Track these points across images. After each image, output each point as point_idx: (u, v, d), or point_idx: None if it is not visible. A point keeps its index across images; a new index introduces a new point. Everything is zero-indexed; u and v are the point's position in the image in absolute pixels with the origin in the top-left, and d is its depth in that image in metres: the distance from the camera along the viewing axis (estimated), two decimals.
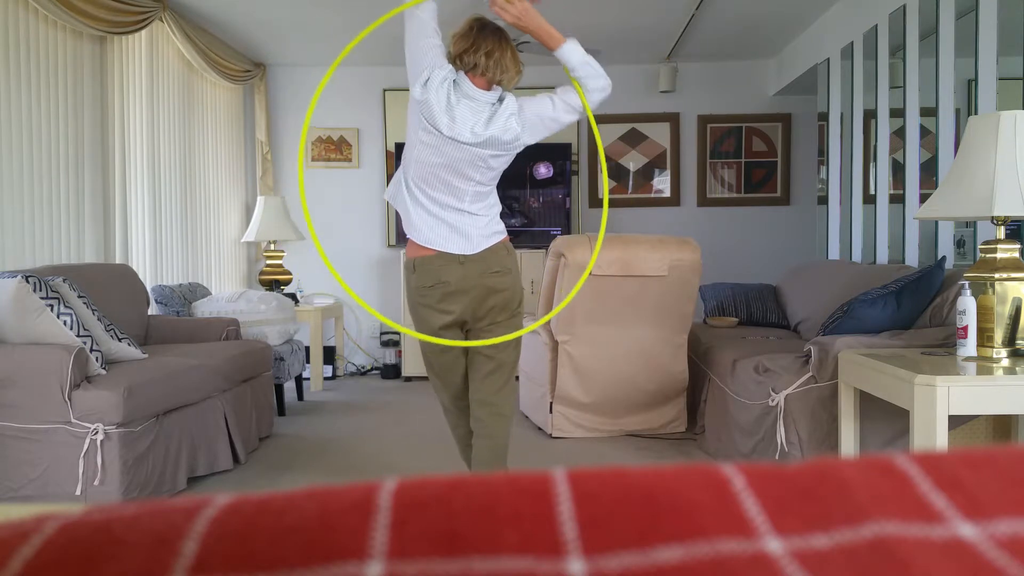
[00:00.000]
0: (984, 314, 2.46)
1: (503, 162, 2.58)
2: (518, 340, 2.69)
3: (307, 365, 5.59)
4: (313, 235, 2.60)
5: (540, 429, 4.28)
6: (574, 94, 2.55)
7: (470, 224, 2.54)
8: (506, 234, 2.67)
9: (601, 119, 6.57)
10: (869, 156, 4.68)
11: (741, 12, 5.23)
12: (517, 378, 2.86)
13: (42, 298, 2.92)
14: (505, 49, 2.52)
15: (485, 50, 2.49)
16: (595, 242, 3.93)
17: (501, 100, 2.55)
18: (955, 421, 2.80)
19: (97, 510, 0.29)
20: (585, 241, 3.92)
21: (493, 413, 2.63)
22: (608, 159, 6.62)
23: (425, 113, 2.47)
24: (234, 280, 6.19)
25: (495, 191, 2.67)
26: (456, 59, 2.53)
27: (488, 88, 2.54)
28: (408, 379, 5.99)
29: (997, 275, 2.45)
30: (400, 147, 5.87)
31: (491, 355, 2.62)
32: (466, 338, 2.66)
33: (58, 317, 2.94)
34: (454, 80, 2.51)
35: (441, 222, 2.52)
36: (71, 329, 2.96)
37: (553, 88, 2.66)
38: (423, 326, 2.61)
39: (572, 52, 2.53)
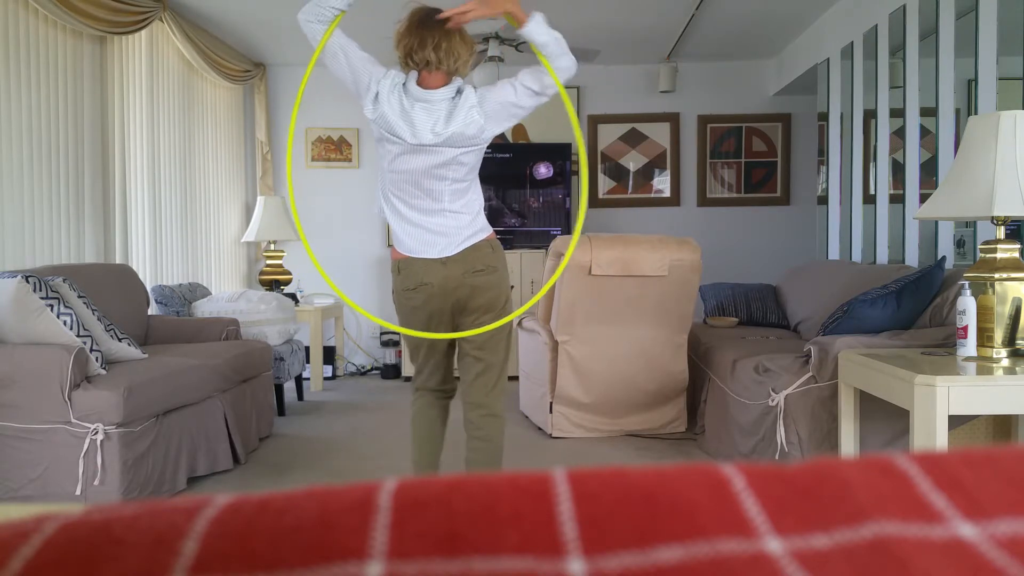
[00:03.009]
0: (984, 314, 2.46)
1: (474, 157, 2.49)
2: (508, 341, 2.63)
3: (307, 365, 5.59)
4: (304, 240, 2.58)
5: (540, 429, 4.28)
6: (535, 77, 2.42)
7: (452, 224, 2.48)
8: (491, 231, 2.57)
9: (601, 119, 6.58)
10: (869, 156, 4.68)
11: (741, 12, 5.24)
12: (517, 378, 2.83)
13: (42, 298, 2.92)
14: (452, 36, 2.42)
15: (432, 44, 2.39)
16: (594, 242, 3.92)
17: (460, 92, 2.45)
18: (955, 421, 2.80)
19: (97, 510, 0.29)
20: (585, 241, 3.92)
21: (485, 415, 2.58)
22: (608, 159, 6.62)
23: (384, 127, 2.41)
24: (234, 280, 6.19)
25: (476, 185, 2.57)
26: (406, 59, 2.44)
27: (446, 81, 2.45)
28: (408, 379, 5.99)
29: (997, 275, 2.45)
30: None
31: (480, 357, 2.57)
32: (454, 344, 2.64)
33: (58, 317, 2.94)
34: (403, 84, 2.43)
35: (421, 229, 2.47)
36: (71, 329, 2.96)
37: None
38: (406, 323, 2.58)
39: (539, 29, 2.38)
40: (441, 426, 2.74)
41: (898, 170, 4.27)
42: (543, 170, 6.21)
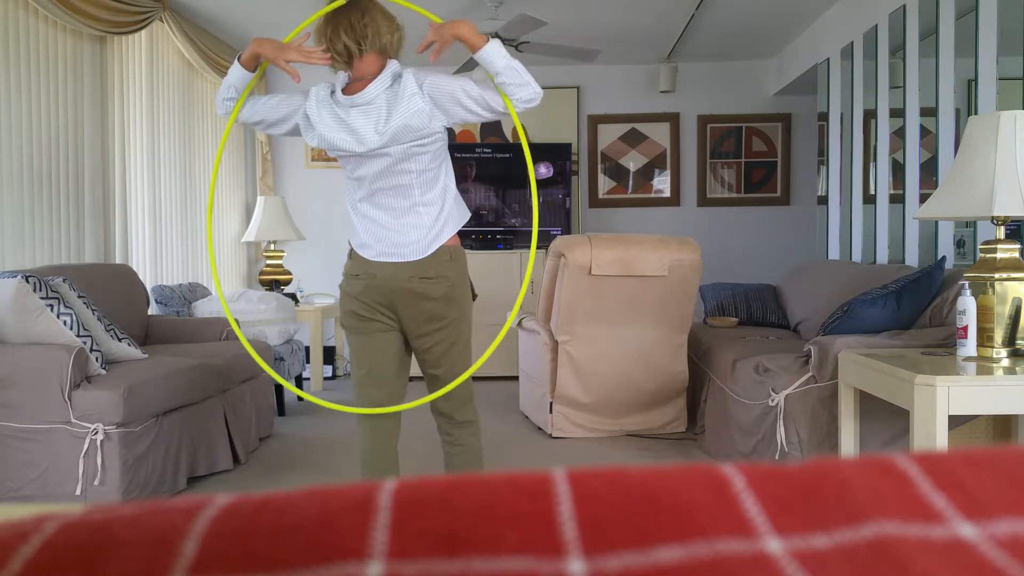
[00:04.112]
0: (984, 314, 2.46)
1: (434, 146, 2.30)
2: (466, 352, 2.48)
3: (307, 365, 5.59)
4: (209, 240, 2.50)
5: (540, 429, 4.28)
6: (489, 95, 2.27)
7: (422, 223, 2.33)
8: (454, 233, 2.39)
9: (601, 119, 6.58)
10: (869, 156, 4.68)
11: (741, 12, 5.23)
12: (517, 378, 2.74)
13: (42, 298, 2.92)
14: (360, 13, 2.27)
15: (345, 28, 2.24)
16: (595, 242, 3.93)
17: (397, 79, 2.27)
18: (955, 421, 2.80)
19: (97, 510, 0.29)
20: (585, 241, 3.93)
21: (454, 424, 2.51)
22: (608, 159, 6.62)
23: (328, 146, 2.30)
24: (234, 280, 6.19)
25: (446, 169, 2.39)
26: (333, 57, 2.31)
27: (380, 64, 2.29)
28: (410, 379, 5.98)
29: (997, 275, 2.45)
30: None
31: (437, 374, 2.46)
32: (405, 345, 2.48)
33: (58, 317, 2.94)
34: (331, 94, 2.31)
35: (390, 232, 2.34)
36: (71, 329, 2.96)
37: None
38: (344, 310, 2.43)
39: (495, 55, 2.22)
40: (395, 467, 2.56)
41: (898, 170, 4.27)
42: (543, 170, 6.21)
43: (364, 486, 0.29)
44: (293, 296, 5.68)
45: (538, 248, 5.99)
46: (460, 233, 2.46)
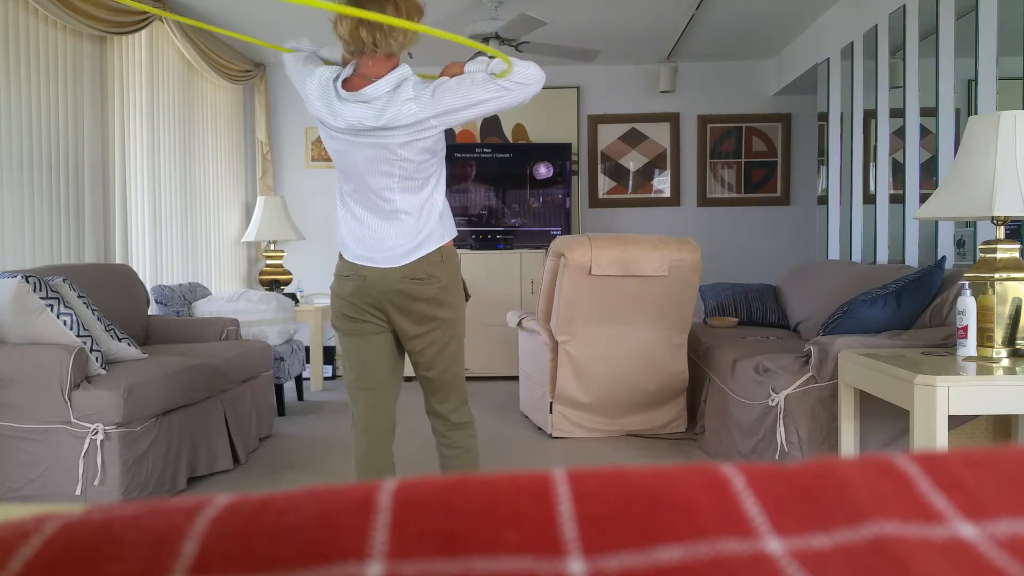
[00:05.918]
0: (984, 314, 2.46)
1: (418, 151, 2.25)
2: (460, 353, 2.47)
3: (307, 365, 5.59)
4: None
5: (540, 429, 4.28)
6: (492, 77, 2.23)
7: (404, 230, 2.31)
8: (446, 240, 2.36)
9: (601, 119, 6.57)
10: (869, 156, 4.68)
11: (741, 12, 5.23)
12: (516, 378, 2.71)
13: (42, 298, 2.92)
14: (382, 7, 2.18)
15: (372, 23, 2.16)
16: (595, 242, 3.93)
17: (399, 85, 2.22)
18: (955, 421, 2.80)
19: (97, 510, 0.29)
20: (585, 241, 3.92)
21: (449, 426, 2.50)
22: (608, 159, 6.62)
23: (322, 132, 2.34)
24: (234, 280, 6.19)
25: (432, 186, 2.36)
26: (347, 49, 2.28)
27: (388, 67, 2.24)
28: (408, 379, 5.99)
29: (997, 275, 2.45)
30: None
31: (430, 377, 2.45)
32: (398, 345, 2.46)
33: (58, 317, 2.94)
34: (334, 79, 2.28)
35: (371, 235, 2.32)
36: (71, 329, 2.96)
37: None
38: (335, 311, 2.42)
39: (472, 69, 2.27)
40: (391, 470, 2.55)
41: (898, 170, 4.27)
42: (543, 170, 6.21)
43: (364, 486, 0.30)
44: (293, 296, 5.68)
45: (537, 248, 6.01)
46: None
